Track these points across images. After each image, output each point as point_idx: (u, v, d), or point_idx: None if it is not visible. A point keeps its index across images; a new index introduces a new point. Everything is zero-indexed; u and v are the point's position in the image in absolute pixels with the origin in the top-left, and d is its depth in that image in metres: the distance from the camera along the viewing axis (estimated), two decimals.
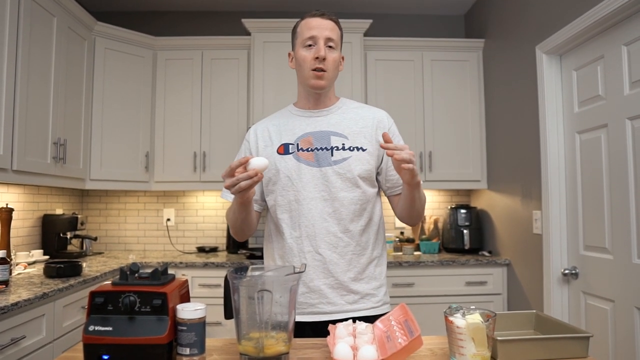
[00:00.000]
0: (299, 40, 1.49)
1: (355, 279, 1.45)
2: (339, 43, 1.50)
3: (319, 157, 1.46)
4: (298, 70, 1.51)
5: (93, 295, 1.03)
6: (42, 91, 2.49)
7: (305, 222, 1.44)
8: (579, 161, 2.38)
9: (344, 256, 1.44)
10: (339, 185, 1.44)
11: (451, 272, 3.05)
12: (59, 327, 2.09)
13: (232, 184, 1.21)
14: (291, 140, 1.49)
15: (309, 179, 1.45)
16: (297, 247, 1.45)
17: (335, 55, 1.47)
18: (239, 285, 0.99)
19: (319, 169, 1.45)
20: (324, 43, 1.44)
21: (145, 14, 3.80)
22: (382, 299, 1.50)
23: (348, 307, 1.44)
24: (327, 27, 1.46)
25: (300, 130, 1.51)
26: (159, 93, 3.38)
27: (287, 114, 1.58)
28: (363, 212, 1.47)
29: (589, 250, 2.29)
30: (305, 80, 1.48)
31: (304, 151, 1.47)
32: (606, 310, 2.15)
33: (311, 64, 1.45)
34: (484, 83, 3.47)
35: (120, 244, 3.67)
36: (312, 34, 1.45)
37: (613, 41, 2.11)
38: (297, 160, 1.46)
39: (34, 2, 2.38)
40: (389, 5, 3.73)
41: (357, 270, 1.46)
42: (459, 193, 3.79)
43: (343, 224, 1.44)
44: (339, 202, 1.44)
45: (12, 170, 2.23)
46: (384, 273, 1.54)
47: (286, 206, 1.47)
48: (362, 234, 1.47)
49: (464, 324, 0.96)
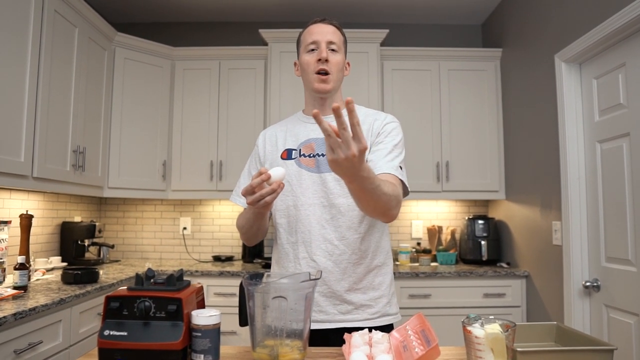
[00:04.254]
0: (302, 47, 1.51)
1: (350, 289, 1.41)
2: (341, 47, 1.49)
3: (320, 163, 1.44)
4: (303, 76, 1.51)
5: (109, 300, 1.03)
6: (63, 99, 2.54)
7: (302, 227, 1.43)
8: (600, 171, 2.33)
9: (339, 264, 1.41)
10: (337, 191, 1.42)
11: (469, 284, 3.00)
12: (75, 333, 2.10)
13: (256, 199, 1.19)
14: (294, 146, 1.49)
15: (309, 185, 1.44)
16: (293, 253, 1.44)
17: (339, 58, 1.47)
18: (254, 291, 0.98)
19: (318, 174, 1.44)
20: (326, 46, 1.45)
21: (164, 25, 3.86)
22: (379, 310, 1.45)
23: (340, 317, 1.41)
24: (328, 32, 1.47)
25: (303, 135, 1.50)
26: (176, 102, 3.43)
27: (294, 120, 1.59)
28: (363, 219, 1.43)
29: (611, 262, 2.24)
30: (310, 84, 1.47)
31: (305, 157, 1.47)
32: (630, 324, 2.08)
33: (314, 66, 1.44)
34: (501, 92, 3.44)
35: (137, 252, 3.70)
36: (313, 38, 1.46)
37: (635, 49, 2.07)
38: (298, 166, 1.46)
39: (57, 13, 2.44)
40: (405, 15, 3.74)
41: (353, 280, 1.42)
42: (476, 204, 3.74)
43: (340, 231, 1.41)
44: (336, 208, 1.41)
45: (33, 178, 2.27)
46: (387, 283, 1.48)
47: (284, 211, 1.47)
48: (361, 242, 1.43)
49: (483, 334, 0.93)
